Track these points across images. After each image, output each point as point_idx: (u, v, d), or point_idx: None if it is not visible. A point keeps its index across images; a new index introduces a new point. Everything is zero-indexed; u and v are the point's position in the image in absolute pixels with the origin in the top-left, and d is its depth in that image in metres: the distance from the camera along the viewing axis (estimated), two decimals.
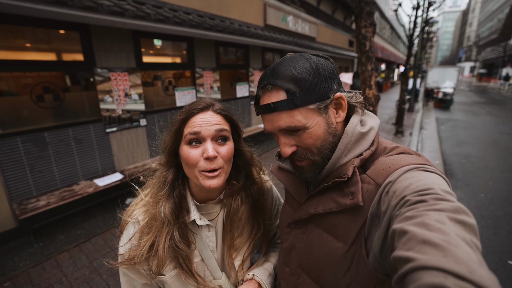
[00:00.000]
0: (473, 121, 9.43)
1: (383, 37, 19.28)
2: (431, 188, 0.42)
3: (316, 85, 0.55)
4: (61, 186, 3.15)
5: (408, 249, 0.34)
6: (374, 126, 0.61)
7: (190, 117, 0.66)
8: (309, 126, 0.56)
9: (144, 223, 0.68)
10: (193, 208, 0.71)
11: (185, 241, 0.68)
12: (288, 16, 6.96)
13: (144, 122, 3.94)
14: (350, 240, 0.53)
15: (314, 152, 0.58)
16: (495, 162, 5.23)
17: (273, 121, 0.57)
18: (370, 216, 0.51)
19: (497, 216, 3.32)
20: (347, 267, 0.53)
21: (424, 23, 9.75)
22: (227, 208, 0.75)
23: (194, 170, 0.65)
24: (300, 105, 0.54)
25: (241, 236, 0.77)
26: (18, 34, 2.77)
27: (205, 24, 3.95)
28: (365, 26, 3.09)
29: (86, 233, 2.96)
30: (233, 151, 0.70)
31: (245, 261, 0.78)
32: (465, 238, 0.33)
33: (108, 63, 3.41)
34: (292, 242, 0.67)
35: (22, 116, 2.85)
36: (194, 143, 0.65)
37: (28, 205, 2.73)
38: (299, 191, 0.69)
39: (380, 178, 0.52)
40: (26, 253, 2.65)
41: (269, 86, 0.56)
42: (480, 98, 17.60)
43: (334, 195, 0.57)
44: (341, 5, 10.70)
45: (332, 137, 0.59)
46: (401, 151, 0.58)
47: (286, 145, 0.58)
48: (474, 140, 6.88)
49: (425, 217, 0.36)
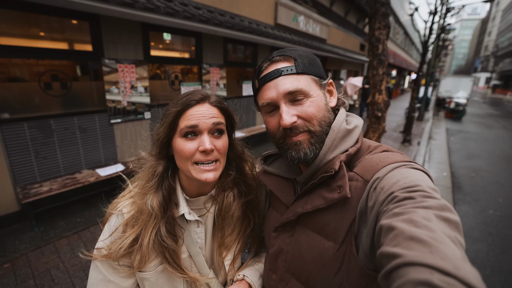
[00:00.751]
0: (486, 134, 9.14)
1: (396, 42, 18.91)
2: (419, 185, 0.43)
3: (316, 64, 0.63)
4: (64, 174, 3.20)
5: (395, 245, 0.34)
6: (358, 125, 0.63)
7: (186, 109, 0.64)
8: (312, 94, 0.60)
9: (129, 215, 0.66)
10: (182, 202, 0.69)
11: (172, 236, 0.66)
12: (299, 16, 6.88)
13: (149, 115, 3.96)
14: (341, 239, 0.53)
15: (315, 123, 0.59)
16: (507, 179, 5.02)
17: (279, 86, 0.59)
18: (359, 213, 0.51)
19: (506, 234, 3.19)
20: (338, 267, 0.53)
21: (441, 29, 9.48)
22: (218, 204, 0.73)
23: (187, 163, 0.63)
24: (306, 72, 0.60)
25: (232, 234, 0.75)
26: (30, 22, 2.81)
27: (214, 20, 3.94)
28: (379, 28, 2.99)
29: (85, 221, 3.00)
30: (227, 145, 0.69)
31: (236, 260, 0.76)
32: (450, 235, 0.34)
33: (116, 54, 3.43)
34: (280, 246, 0.65)
35: (30, 103, 2.90)
36: (190, 135, 0.63)
37: (31, 189, 2.78)
38: (286, 193, 0.68)
39: (368, 174, 0.53)
40: (27, 237, 2.71)
41: (277, 57, 0.61)
42: (495, 110, 17.08)
43: (322, 192, 0.57)
44: (355, 7, 10.52)
45: (329, 114, 0.62)
46: (385, 149, 0.59)
47: (288, 113, 0.59)
48: (485, 154, 6.65)
49: (413, 214, 0.37)
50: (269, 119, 0.63)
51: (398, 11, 17.67)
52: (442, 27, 9.63)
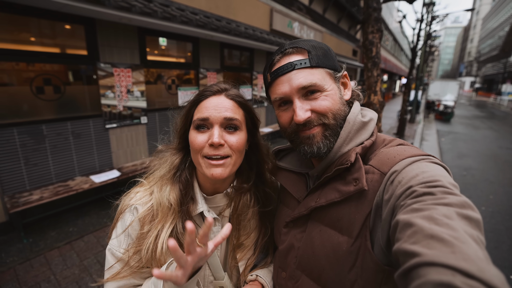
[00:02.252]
0: (474, 135, 9.46)
1: (386, 48, 19.50)
2: (439, 180, 0.41)
3: (331, 56, 0.60)
4: (56, 181, 3.07)
5: (414, 242, 0.32)
6: (373, 118, 0.62)
7: (201, 99, 0.62)
8: (326, 88, 0.57)
9: (145, 209, 0.62)
10: (200, 199, 0.66)
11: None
12: (294, 22, 7.01)
13: (145, 120, 3.89)
14: (355, 233, 0.51)
15: (329, 116, 0.58)
16: (496, 176, 5.21)
17: (292, 80, 0.56)
18: (375, 207, 0.50)
19: (499, 230, 3.27)
20: (352, 262, 0.51)
21: (427, 36, 9.87)
22: (234, 203, 0.70)
23: (198, 156, 0.61)
24: (320, 65, 0.57)
25: (248, 236, 0.73)
26: (23, 25, 2.73)
27: (211, 25, 3.95)
28: (372, 32, 3.11)
29: (78, 231, 2.87)
30: (244, 142, 0.65)
31: (249, 266, 0.73)
32: (473, 235, 0.32)
33: (112, 58, 3.37)
34: (290, 242, 0.64)
35: (20, 107, 2.79)
36: (202, 128, 0.61)
37: (20, 198, 2.64)
38: (298, 188, 0.66)
39: (385, 167, 0.51)
40: (15, 249, 2.56)
41: (289, 50, 0.58)
42: (480, 112, 17.72)
43: (337, 185, 0.56)
44: (346, 14, 10.82)
45: (344, 107, 0.60)
46: (401, 143, 0.58)
47: (302, 109, 0.57)
48: (474, 153, 6.87)
49: (433, 211, 0.35)
50: (281, 113, 0.62)
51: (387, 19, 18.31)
52: (428, 33, 10.04)
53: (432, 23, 10.25)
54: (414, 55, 8.80)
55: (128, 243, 0.62)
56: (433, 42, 19.36)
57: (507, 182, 4.90)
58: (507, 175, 5.29)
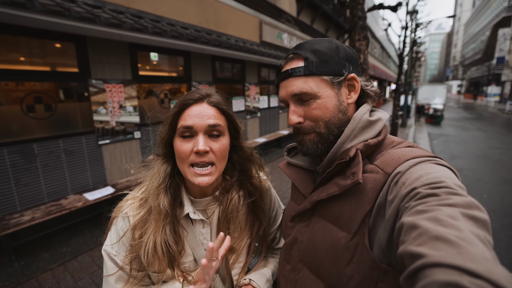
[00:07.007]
0: (464, 136, 9.66)
1: (374, 56, 20.09)
2: (443, 182, 0.40)
3: (333, 60, 0.59)
4: (48, 200, 3.00)
5: (419, 244, 0.32)
6: (382, 118, 0.62)
7: (184, 109, 0.64)
8: (320, 96, 0.58)
9: (137, 218, 0.65)
10: (187, 201, 0.68)
11: (174, 237, 0.64)
12: (283, 34, 7.20)
13: (139, 134, 3.87)
14: (354, 229, 0.52)
15: (321, 125, 0.59)
16: (488, 175, 5.31)
17: (288, 87, 0.60)
18: (377, 207, 0.50)
19: (494, 228, 3.30)
20: (349, 258, 0.52)
21: (412, 43, 10.24)
22: (223, 205, 0.72)
23: (184, 165, 0.63)
24: (315, 73, 0.58)
25: (240, 238, 0.74)
26: (12, 45, 2.74)
27: (202, 39, 4.03)
28: (358, 39, 3.23)
29: (72, 251, 2.78)
30: (227, 147, 0.68)
31: (244, 269, 0.75)
32: (479, 235, 0.32)
33: (104, 75, 3.39)
34: (295, 236, 0.66)
35: (10, 127, 2.76)
36: (186, 136, 0.63)
37: (10, 220, 2.56)
38: (306, 184, 0.69)
39: (389, 167, 0.51)
40: (5, 273, 2.46)
41: (291, 56, 0.61)
42: (469, 114, 18.18)
43: (337, 179, 0.57)
44: (334, 24, 11.18)
45: (341, 115, 0.60)
46: (409, 144, 0.57)
47: (294, 113, 0.60)
48: (466, 154, 7.00)
49: (438, 212, 0.35)
50: (288, 114, 0.67)
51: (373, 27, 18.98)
52: (414, 40, 10.42)
53: (416, 30, 10.67)
54: (401, 61, 9.10)
55: (123, 250, 0.65)
56: (419, 48, 20.07)
57: (500, 180, 4.99)
58: (499, 174, 5.39)
